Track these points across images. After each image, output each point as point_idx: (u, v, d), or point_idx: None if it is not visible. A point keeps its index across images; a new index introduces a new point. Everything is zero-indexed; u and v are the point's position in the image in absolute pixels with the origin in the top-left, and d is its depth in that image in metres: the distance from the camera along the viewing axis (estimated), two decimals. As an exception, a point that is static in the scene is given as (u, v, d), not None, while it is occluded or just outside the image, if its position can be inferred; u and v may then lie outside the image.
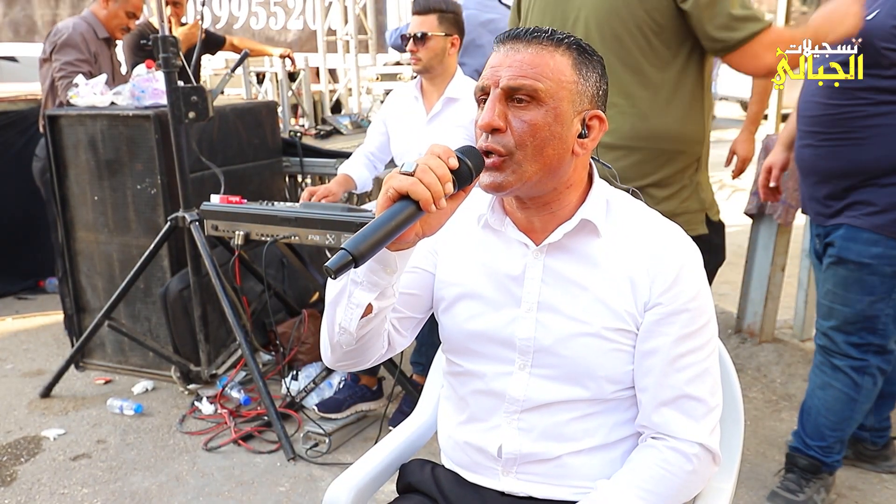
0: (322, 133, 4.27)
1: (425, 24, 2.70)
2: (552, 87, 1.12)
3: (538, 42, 1.14)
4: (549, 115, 1.12)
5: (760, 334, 3.49)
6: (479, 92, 1.17)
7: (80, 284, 3.45)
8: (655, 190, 2.16)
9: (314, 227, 2.59)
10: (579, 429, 1.23)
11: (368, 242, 0.96)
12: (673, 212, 2.09)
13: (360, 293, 1.12)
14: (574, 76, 1.14)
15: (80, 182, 3.30)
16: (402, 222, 1.00)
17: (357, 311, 1.13)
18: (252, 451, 2.75)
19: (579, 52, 1.16)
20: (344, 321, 1.15)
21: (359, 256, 0.95)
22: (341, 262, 0.94)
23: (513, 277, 1.23)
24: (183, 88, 2.87)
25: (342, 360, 1.24)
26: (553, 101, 1.12)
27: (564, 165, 1.16)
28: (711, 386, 1.21)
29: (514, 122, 1.12)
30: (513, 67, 1.12)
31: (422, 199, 1.00)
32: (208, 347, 3.17)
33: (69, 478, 2.61)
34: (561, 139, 1.14)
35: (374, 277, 1.10)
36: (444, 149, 1.05)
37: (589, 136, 1.18)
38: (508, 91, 1.12)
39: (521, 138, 1.12)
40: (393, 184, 1.02)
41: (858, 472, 2.54)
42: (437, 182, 1.01)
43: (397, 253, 1.08)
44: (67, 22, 3.78)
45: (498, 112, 1.12)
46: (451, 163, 1.04)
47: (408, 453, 1.44)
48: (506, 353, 1.24)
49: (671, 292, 1.17)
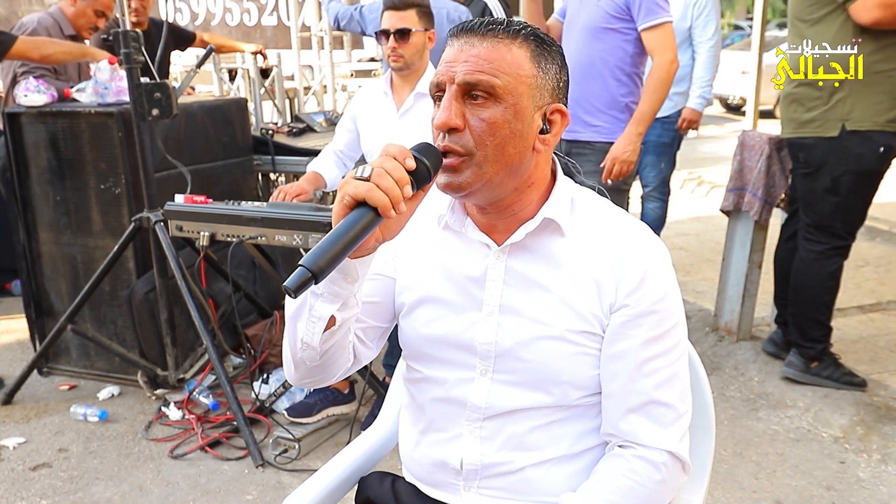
0: (295, 130, 4.19)
1: (406, 20, 2.62)
2: (510, 83, 1.06)
3: (494, 34, 1.07)
4: (508, 112, 1.06)
5: (738, 332, 3.47)
6: (434, 89, 1.10)
7: (43, 287, 3.35)
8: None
9: (281, 227, 2.52)
10: (543, 437, 1.17)
11: (327, 256, 0.91)
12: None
13: (322, 305, 1.05)
14: (533, 69, 1.08)
15: (42, 182, 3.20)
16: (361, 231, 0.94)
17: (319, 324, 1.07)
18: (219, 458, 2.67)
19: (538, 44, 1.10)
20: (306, 336, 1.09)
21: (318, 272, 0.89)
22: (300, 279, 0.89)
23: (473, 279, 1.17)
24: (146, 85, 2.79)
25: (307, 376, 1.18)
26: (512, 96, 1.06)
27: (525, 163, 1.10)
28: (680, 391, 1.16)
29: (472, 120, 1.06)
30: (468, 62, 1.06)
31: (380, 205, 0.95)
32: (175, 351, 3.09)
33: (27, 489, 2.52)
34: (521, 136, 1.08)
35: (334, 288, 1.04)
36: (400, 149, 1.00)
37: (551, 131, 1.12)
38: (464, 87, 1.06)
39: (481, 137, 1.06)
40: (348, 190, 0.96)
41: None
42: (394, 186, 0.96)
43: (358, 260, 1.03)
44: (33, 16, 3.68)
45: (455, 110, 1.06)
46: (408, 163, 0.99)
47: (368, 465, 1.38)
48: (466, 358, 1.18)
49: (638, 293, 1.12)
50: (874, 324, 3.73)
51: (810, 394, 3.00)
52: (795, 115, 2.87)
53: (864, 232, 5.10)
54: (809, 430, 2.79)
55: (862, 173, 2.81)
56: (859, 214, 2.94)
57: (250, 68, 4.53)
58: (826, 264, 2.94)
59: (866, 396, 2.96)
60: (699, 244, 5.26)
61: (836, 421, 2.82)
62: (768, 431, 2.79)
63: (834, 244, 2.94)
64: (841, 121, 2.75)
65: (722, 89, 12.09)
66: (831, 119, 2.76)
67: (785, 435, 2.77)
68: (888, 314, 3.85)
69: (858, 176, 2.82)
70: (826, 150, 2.80)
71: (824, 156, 2.82)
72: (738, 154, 3.31)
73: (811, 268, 2.97)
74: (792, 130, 2.91)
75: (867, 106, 2.72)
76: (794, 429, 2.80)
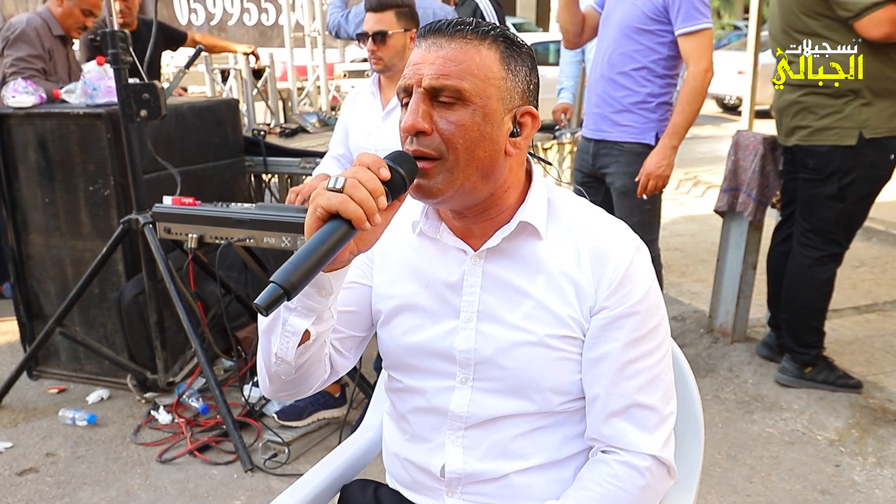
0: (287, 131, 4.17)
1: (383, 22, 2.60)
2: (479, 85, 1.03)
3: (462, 36, 1.04)
4: (476, 115, 1.03)
5: (733, 334, 3.44)
6: (401, 93, 1.07)
7: (33, 290, 3.32)
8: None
9: (270, 229, 2.49)
10: (526, 445, 1.15)
11: (300, 272, 0.87)
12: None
13: (295, 319, 1.02)
14: (502, 72, 1.06)
15: (31, 184, 3.17)
16: (335, 245, 0.91)
17: (293, 338, 1.04)
18: (208, 462, 2.64)
19: (507, 45, 1.07)
20: (280, 350, 1.06)
21: (290, 289, 0.86)
22: (271, 297, 0.85)
23: (450, 285, 1.15)
24: (134, 86, 2.75)
25: (282, 390, 1.15)
26: (481, 99, 1.03)
27: (498, 167, 1.08)
28: (664, 393, 1.13)
29: (440, 122, 1.03)
30: (435, 65, 1.03)
31: (354, 218, 0.91)
32: (165, 354, 3.06)
33: (13, 494, 2.49)
34: (492, 139, 1.05)
35: (308, 302, 1.01)
36: (374, 158, 0.96)
37: (521, 133, 1.09)
38: (431, 91, 1.03)
39: (450, 139, 1.03)
40: (321, 202, 0.92)
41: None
42: (369, 197, 0.92)
43: (332, 273, 1.00)
44: (21, 17, 3.65)
45: (422, 113, 1.03)
46: (383, 173, 0.95)
47: (350, 473, 1.36)
48: (446, 366, 1.15)
49: (617, 295, 1.09)
50: (870, 325, 3.71)
51: (805, 396, 2.98)
52: (806, 123, 2.83)
53: (860, 232, 5.07)
54: (804, 433, 2.76)
55: (872, 180, 2.81)
56: (860, 221, 2.94)
57: (242, 69, 4.51)
58: (821, 270, 2.92)
59: (862, 398, 2.93)
60: (695, 245, 5.24)
61: (831, 424, 2.79)
62: (763, 434, 2.77)
63: (831, 251, 2.92)
64: (858, 129, 2.72)
65: (719, 89, 12.11)
66: (848, 127, 2.73)
67: (780, 438, 2.74)
68: (884, 315, 3.83)
69: (869, 183, 2.81)
70: (841, 158, 2.77)
71: (838, 164, 2.79)
72: (732, 154, 3.28)
73: (806, 274, 2.95)
74: (803, 138, 2.86)
75: (881, 111, 2.70)
76: (789, 431, 2.78)
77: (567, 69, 4.45)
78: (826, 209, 2.86)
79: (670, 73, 2.81)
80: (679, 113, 2.69)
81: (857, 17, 2.58)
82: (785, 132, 2.96)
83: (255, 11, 6.08)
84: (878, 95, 2.68)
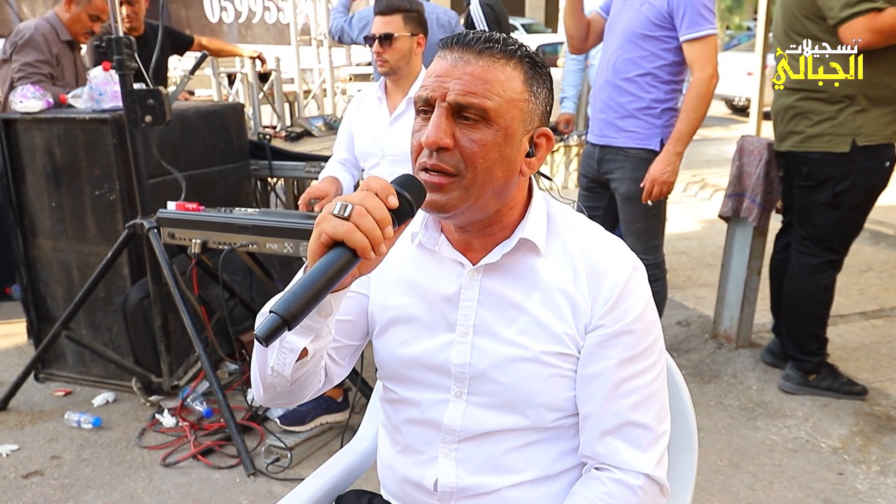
0: (292, 135, 4.18)
1: (391, 25, 2.62)
2: (503, 106, 1.03)
3: (490, 53, 1.03)
4: (499, 136, 1.03)
5: (737, 339, 3.43)
6: (420, 102, 1.06)
7: (40, 293, 3.35)
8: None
9: (272, 234, 2.50)
10: (520, 459, 1.15)
11: (300, 302, 0.85)
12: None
13: (294, 338, 1.01)
14: (526, 93, 1.05)
15: (38, 188, 3.20)
16: (337, 273, 0.89)
17: (291, 356, 1.04)
18: (211, 466, 2.66)
19: (531, 66, 1.06)
20: (277, 365, 1.06)
21: (291, 319, 0.84)
22: (271, 327, 0.84)
23: (447, 298, 1.15)
24: (139, 91, 2.77)
25: (275, 399, 1.15)
26: (504, 120, 1.03)
27: (510, 187, 1.08)
28: (658, 412, 1.13)
29: (462, 139, 1.03)
30: (462, 81, 1.02)
31: (359, 248, 0.89)
32: (170, 358, 3.08)
33: (18, 497, 2.51)
34: (510, 160, 1.05)
35: (308, 322, 0.99)
36: (383, 185, 0.94)
37: (536, 154, 1.10)
38: (456, 107, 1.02)
39: (471, 158, 1.03)
40: (326, 229, 0.90)
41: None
42: (375, 227, 0.90)
43: (333, 295, 0.98)
44: (30, 22, 3.67)
45: (444, 129, 1.02)
46: (391, 202, 0.93)
47: (345, 483, 1.36)
48: (441, 379, 1.16)
49: (613, 313, 1.10)
50: (877, 330, 3.68)
51: (809, 403, 2.96)
52: (800, 129, 2.82)
53: (868, 237, 5.06)
54: (808, 441, 2.75)
55: (867, 188, 2.79)
56: (857, 229, 2.91)
57: (248, 73, 4.53)
58: (820, 278, 2.91)
59: (866, 406, 2.92)
60: (701, 248, 5.22)
61: (835, 431, 2.78)
62: (766, 441, 2.76)
63: (828, 258, 2.90)
64: (851, 136, 2.71)
65: (728, 90, 12.04)
66: (841, 134, 2.72)
67: (783, 445, 2.73)
68: (891, 321, 3.80)
69: (863, 191, 2.79)
70: (833, 164, 2.76)
71: (831, 170, 2.78)
72: (736, 159, 3.27)
73: (805, 281, 2.94)
74: (796, 144, 2.85)
75: (876, 118, 2.68)
76: (793, 439, 2.77)
77: (569, 77, 4.44)
78: (821, 217, 2.85)
79: (675, 79, 2.80)
80: (684, 119, 2.68)
81: (839, 24, 2.57)
82: (779, 137, 2.95)
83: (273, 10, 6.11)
84: (875, 102, 2.67)
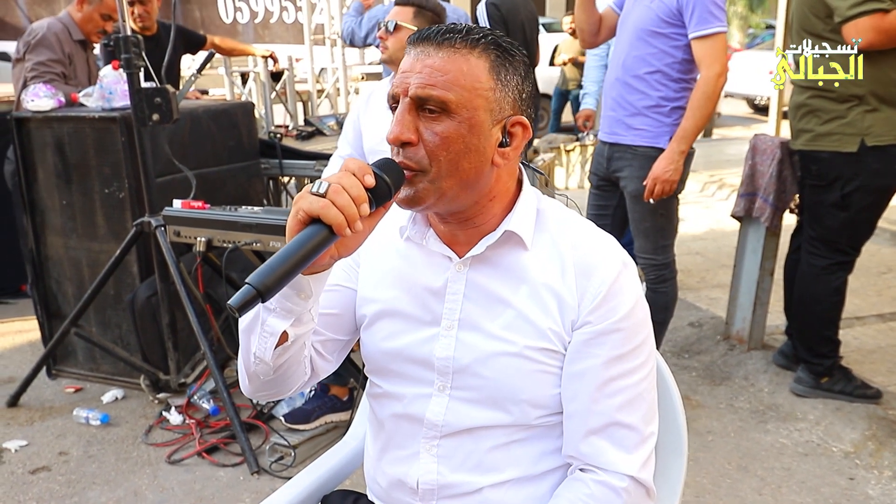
0: (304, 134, 4.19)
1: (400, 15, 2.62)
2: (465, 97, 1.02)
3: (450, 44, 1.03)
4: (462, 127, 1.02)
5: (749, 341, 3.38)
6: (390, 100, 1.06)
7: (51, 290, 3.38)
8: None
9: (276, 233, 2.51)
10: (503, 458, 1.13)
11: (275, 275, 0.87)
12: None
13: (274, 320, 1.02)
14: (491, 82, 1.04)
15: (49, 186, 3.23)
16: (313, 249, 0.91)
17: (271, 339, 1.04)
18: (216, 464, 2.67)
19: (498, 53, 1.05)
20: (259, 350, 1.06)
21: (265, 291, 0.86)
22: (245, 298, 0.85)
23: (433, 291, 1.14)
24: (146, 90, 2.79)
25: (261, 389, 1.16)
26: (466, 110, 1.02)
27: (483, 178, 1.06)
28: (645, 412, 1.11)
29: (425, 133, 1.02)
30: (422, 74, 1.02)
31: (334, 224, 0.91)
32: (177, 355, 3.09)
33: (25, 492, 2.54)
34: (478, 151, 1.04)
35: (287, 304, 1.01)
36: (360, 165, 0.96)
37: (511, 144, 1.07)
38: (417, 101, 1.02)
39: (434, 152, 1.02)
40: (303, 205, 0.92)
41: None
42: (351, 204, 0.92)
43: (312, 277, 0.99)
44: (42, 22, 3.71)
45: (407, 124, 1.02)
46: (367, 181, 0.95)
47: (332, 483, 1.35)
48: (425, 373, 1.15)
49: (601, 310, 1.07)
50: (894, 333, 3.61)
51: (821, 406, 2.91)
52: (809, 127, 2.77)
53: (887, 237, 4.96)
54: (819, 445, 2.70)
55: (876, 190, 2.73)
56: (867, 230, 2.85)
57: (261, 72, 4.54)
58: (830, 279, 2.85)
59: (880, 410, 2.86)
60: (716, 249, 5.15)
61: (846, 435, 2.73)
62: (776, 445, 2.71)
63: (838, 259, 2.85)
64: (860, 135, 2.65)
65: (749, 89, 11.90)
66: (850, 133, 2.66)
67: (793, 449, 2.68)
68: (909, 323, 3.73)
69: (872, 192, 2.73)
70: (842, 164, 2.71)
71: (839, 170, 2.72)
72: (749, 158, 3.22)
73: (815, 283, 2.88)
74: (806, 142, 2.81)
75: (887, 118, 2.63)
76: (803, 442, 2.72)
77: (591, 73, 4.40)
78: (830, 217, 2.80)
79: (685, 77, 2.76)
80: (689, 118, 2.64)
81: (844, 23, 2.52)
82: (793, 134, 2.90)
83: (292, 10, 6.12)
84: (885, 102, 2.61)
